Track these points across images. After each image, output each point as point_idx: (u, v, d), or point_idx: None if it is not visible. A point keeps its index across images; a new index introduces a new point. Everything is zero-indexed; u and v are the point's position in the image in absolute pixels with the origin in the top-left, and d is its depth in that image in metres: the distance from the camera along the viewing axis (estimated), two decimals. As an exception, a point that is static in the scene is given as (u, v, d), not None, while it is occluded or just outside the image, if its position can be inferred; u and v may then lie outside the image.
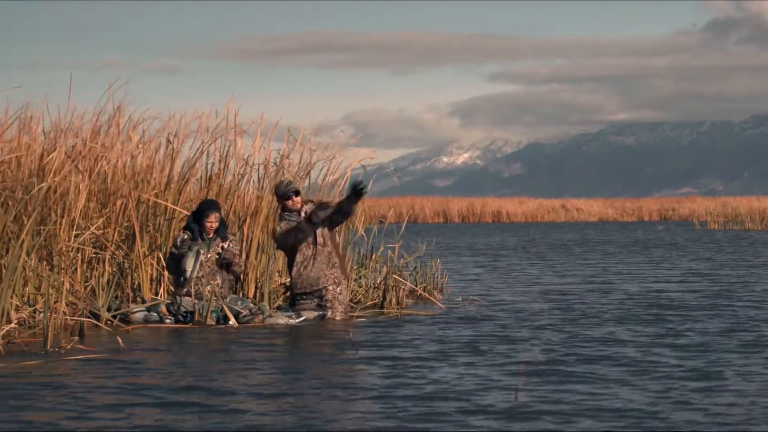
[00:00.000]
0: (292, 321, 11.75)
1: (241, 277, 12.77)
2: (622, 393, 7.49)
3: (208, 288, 11.76)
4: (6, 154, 12.66)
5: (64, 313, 11.05)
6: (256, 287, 12.97)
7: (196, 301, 11.69)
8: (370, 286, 13.97)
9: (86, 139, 13.13)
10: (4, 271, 10.75)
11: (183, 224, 12.49)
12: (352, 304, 13.43)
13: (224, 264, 11.90)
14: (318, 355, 9.63)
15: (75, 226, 12.45)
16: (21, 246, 10.97)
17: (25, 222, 11.50)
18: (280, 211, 12.30)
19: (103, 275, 12.29)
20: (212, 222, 11.93)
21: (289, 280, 12.46)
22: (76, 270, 12.32)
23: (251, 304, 11.94)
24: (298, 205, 12.13)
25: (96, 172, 12.94)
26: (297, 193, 12.11)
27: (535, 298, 15.28)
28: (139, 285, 12.38)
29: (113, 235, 12.74)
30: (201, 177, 13.56)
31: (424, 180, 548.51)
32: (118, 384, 7.87)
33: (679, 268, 22.19)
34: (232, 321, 11.57)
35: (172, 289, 12.12)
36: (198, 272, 11.80)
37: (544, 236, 44.82)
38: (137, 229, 12.50)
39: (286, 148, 13.70)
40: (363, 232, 14.99)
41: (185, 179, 13.35)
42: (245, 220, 13.22)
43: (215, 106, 13.84)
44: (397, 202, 70.75)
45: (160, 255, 12.60)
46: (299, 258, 12.11)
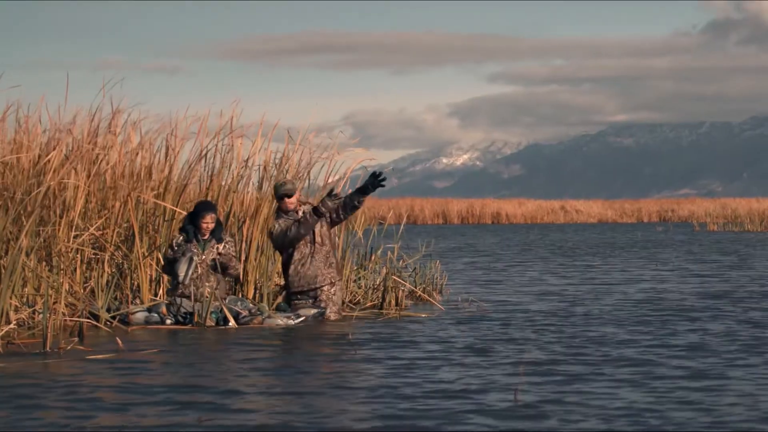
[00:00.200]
0: (291, 322, 11.75)
1: (241, 277, 12.76)
2: (622, 393, 7.48)
3: (208, 289, 11.76)
4: (4, 155, 12.65)
5: (64, 314, 11.04)
6: (255, 288, 12.96)
7: (198, 299, 11.70)
8: (370, 287, 13.96)
9: (84, 140, 13.11)
10: (3, 271, 10.74)
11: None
12: (351, 304, 13.44)
13: (220, 268, 11.88)
14: (317, 355, 9.63)
15: (74, 227, 12.45)
16: (20, 247, 10.96)
17: (25, 223, 11.49)
18: (276, 209, 12.31)
19: (102, 276, 12.29)
20: (208, 223, 11.92)
21: (283, 280, 12.46)
22: (75, 271, 12.31)
23: (250, 305, 11.93)
24: (292, 206, 12.12)
25: (95, 172, 12.92)
26: (289, 195, 12.09)
27: (535, 299, 15.28)
28: (138, 286, 12.37)
29: (112, 236, 12.73)
30: (201, 178, 13.56)
31: (424, 181, 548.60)
32: (118, 384, 7.87)
33: (679, 269, 22.19)
34: (232, 322, 11.57)
35: (169, 289, 12.13)
36: (192, 274, 11.80)
37: (544, 237, 44.82)
38: (136, 230, 12.49)
39: (286, 148, 13.71)
40: (361, 235, 14.98)
41: (185, 182, 13.34)
42: (244, 222, 13.21)
43: (216, 108, 13.81)
44: (397, 203, 70.73)
45: (160, 256, 12.60)
46: (297, 256, 12.10)
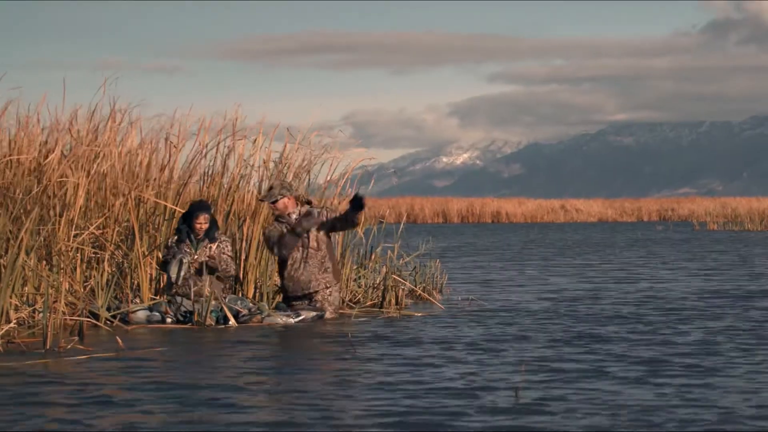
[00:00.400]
0: (290, 320, 11.76)
1: (241, 276, 12.76)
2: (624, 391, 7.48)
3: (207, 288, 11.76)
4: (4, 154, 12.65)
5: (64, 313, 11.04)
6: (255, 287, 12.96)
7: (196, 300, 11.71)
8: (369, 286, 13.96)
9: (83, 139, 13.10)
10: (3, 270, 10.74)
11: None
12: (351, 303, 13.44)
13: (207, 270, 11.87)
14: (317, 354, 9.63)
15: (74, 226, 12.45)
16: (20, 246, 10.97)
17: (24, 222, 11.49)
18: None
19: (102, 275, 12.29)
20: (201, 223, 11.92)
21: (280, 282, 12.46)
22: (75, 270, 12.32)
23: (250, 304, 11.94)
24: (278, 212, 12.09)
25: (95, 171, 12.92)
26: (274, 201, 12.07)
27: (535, 297, 15.28)
28: (138, 285, 12.37)
29: (112, 235, 12.73)
30: (201, 177, 13.55)
31: (424, 180, 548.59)
32: (118, 383, 7.87)
33: (679, 268, 22.20)
34: (232, 321, 11.58)
35: (164, 288, 12.15)
36: (186, 274, 11.81)
37: (544, 237, 44.82)
38: (136, 229, 12.49)
39: (285, 148, 13.70)
40: (362, 234, 14.97)
41: (184, 182, 13.33)
42: (245, 221, 13.21)
43: (216, 108, 13.83)
44: (397, 202, 70.77)
45: (160, 255, 12.60)
46: (290, 261, 12.13)
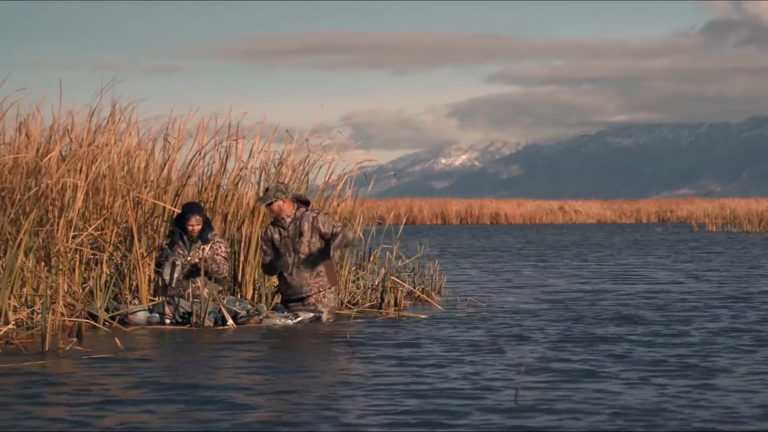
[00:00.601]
0: (288, 322, 11.76)
1: (239, 278, 12.76)
2: (624, 391, 7.48)
3: (207, 290, 11.76)
4: (3, 155, 12.65)
5: (62, 314, 11.04)
6: (253, 288, 12.95)
7: (192, 301, 11.71)
8: (368, 288, 13.96)
9: (84, 139, 13.10)
10: (1, 272, 10.74)
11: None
12: (349, 305, 13.44)
13: (206, 272, 11.87)
14: (316, 355, 9.63)
15: (73, 227, 12.44)
16: (19, 247, 10.96)
17: (23, 223, 11.49)
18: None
19: (101, 276, 12.29)
20: (193, 225, 11.94)
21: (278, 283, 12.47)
22: (74, 271, 12.31)
23: (249, 306, 11.94)
24: (274, 214, 12.07)
25: (94, 173, 12.91)
26: (269, 204, 12.07)
27: (534, 299, 15.27)
28: (137, 286, 12.37)
29: (111, 237, 12.73)
30: (200, 178, 13.55)
31: (423, 181, 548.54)
32: (117, 384, 7.87)
33: (679, 270, 22.20)
34: (230, 322, 11.58)
35: (160, 290, 12.15)
36: (179, 276, 11.82)
37: (543, 238, 44.82)
38: (135, 231, 12.49)
39: (285, 149, 13.70)
40: (361, 235, 14.97)
41: (183, 183, 13.33)
42: (243, 221, 13.21)
43: (216, 109, 13.80)
44: (396, 203, 70.72)
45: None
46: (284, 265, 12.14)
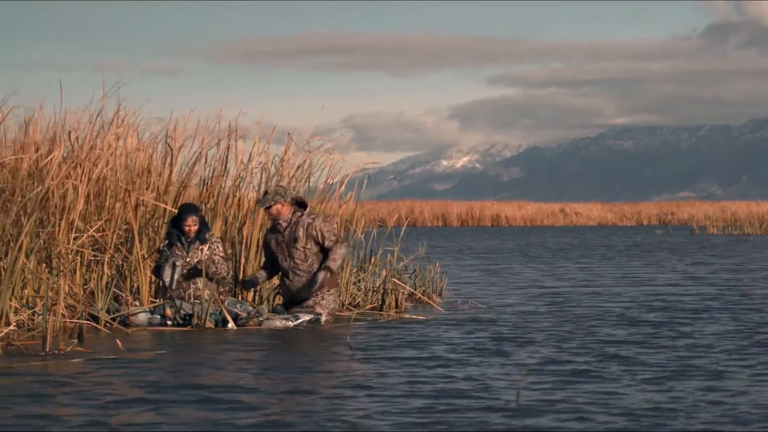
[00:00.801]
0: (289, 323, 11.76)
1: (239, 277, 12.76)
2: (625, 393, 7.49)
3: (207, 292, 11.77)
4: (4, 157, 12.66)
5: (63, 315, 11.04)
6: (254, 290, 12.95)
7: (193, 302, 11.73)
8: (369, 290, 13.96)
9: (83, 142, 13.11)
10: (3, 273, 10.75)
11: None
12: (350, 307, 13.44)
13: (206, 274, 11.88)
14: (317, 357, 9.64)
15: (74, 229, 12.45)
16: (20, 248, 10.97)
17: (24, 224, 11.50)
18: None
19: (102, 278, 12.30)
20: (190, 225, 11.95)
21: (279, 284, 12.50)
22: (75, 272, 12.32)
23: (249, 307, 11.94)
24: (272, 217, 12.09)
25: (95, 174, 12.92)
26: (268, 207, 12.08)
27: (535, 301, 15.28)
28: (138, 288, 12.37)
29: (112, 238, 12.74)
30: (200, 180, 13.56)
31: (424, 184, 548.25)
32: (119, 385, 7.87)
33: (678, 272, 22.21)
34: (231, 324, 11.58)
35: (160, 292, 12.16)
36: (179, 277, 11.83)
37: (543, 240, 44.82)
38: (136, 232, 12.50)
39: (285, 151, 13.71)
40: (362, 237, 14.98)
41: (183, 184, 13.34)
42: (244, 223, 13.22)
43: (216, 110, 13.80)
44: (397, 205, 70.74)
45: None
46: (279, 269, 12.19)
